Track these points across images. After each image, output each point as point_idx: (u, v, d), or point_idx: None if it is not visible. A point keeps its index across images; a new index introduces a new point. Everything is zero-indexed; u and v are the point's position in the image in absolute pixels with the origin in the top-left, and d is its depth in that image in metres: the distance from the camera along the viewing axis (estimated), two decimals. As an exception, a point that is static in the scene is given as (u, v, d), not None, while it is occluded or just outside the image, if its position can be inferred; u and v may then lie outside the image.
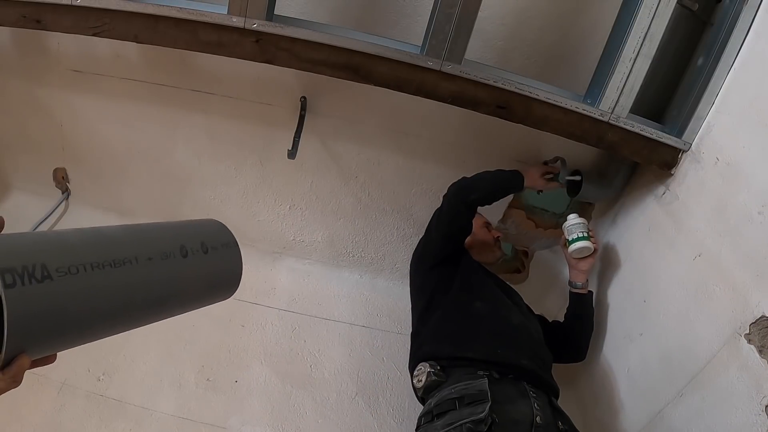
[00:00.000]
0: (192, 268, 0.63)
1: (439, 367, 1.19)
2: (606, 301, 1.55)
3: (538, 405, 1.08)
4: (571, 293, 1.50)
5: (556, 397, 1.22)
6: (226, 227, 0.74)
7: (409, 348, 1.38)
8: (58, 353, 0.53)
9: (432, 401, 1.12)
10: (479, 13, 1.20)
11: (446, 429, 1.01)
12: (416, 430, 1.12)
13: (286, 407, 1.46)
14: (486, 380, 1.09)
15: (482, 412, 1.00)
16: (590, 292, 1.50)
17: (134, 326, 0.59)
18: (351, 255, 1.93)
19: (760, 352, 1.00)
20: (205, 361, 1.53)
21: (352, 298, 1.86)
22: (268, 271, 1.89)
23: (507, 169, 1.48)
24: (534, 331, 1.35)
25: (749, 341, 1.03)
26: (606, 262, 1.63)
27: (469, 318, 1.30)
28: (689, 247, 1.28)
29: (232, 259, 0.71)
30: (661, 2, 1.20)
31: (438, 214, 1.51)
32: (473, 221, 1.47)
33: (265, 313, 1.72)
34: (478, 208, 1.46)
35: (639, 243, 1.50)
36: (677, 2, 1.23)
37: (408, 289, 1.58)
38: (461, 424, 0.99)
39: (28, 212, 1.84)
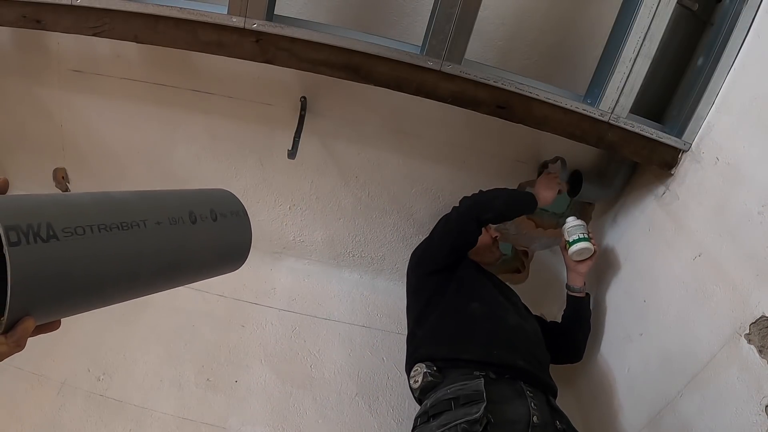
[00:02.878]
0: (201, 234, 0.61)
1: (435, 368, 1.19)
2: (606, 301, 1.55)
3: (534, 404, 1.07)
4: (568, 296, 1.50)
5: (554, 397, 1.21)
6: (236, 196, 0.72)
7: (406, 349, 1.38)
8: (60, 326, 0.52)
9: (428, 402, 1.12)
10: (479, 13, 1.20)
11: (441, 429, 1.00)
12: (412, 430, 1.11)
13: (286, 407, 1.46)
14: (482, 380, 1.09)
15: (477, 412, 0.99)
16: (587, 295, 1.50)
17: (141, 293, 0.58)
18: (351, 255, 1.93)
19: (760, 352, 1.00)
20: (205, 361, 1.53)
21: (352, 298, 1.86)
22: (268, 271, 1.89)
23: (517, 185, 1.51)
24: (531, 332, 1.34)
25: (749, 341, 1.03)
26: (606, 262, 1.63)
27: (465, 319, 1.30)
28: (689, 247, 1.28)
29: (241, 228, 0.70)
30: (661, 2, 1.20)
31: (445, 223, 1.49)
32: None
33: (265, 313, 1.72)
34: None
35: (639, 243, 1.50)
36: (677, 2, 1.23)
37: (406, 288, 1.58)
38: (456, 425, 0.99)
39: (28, 212, 1.84)
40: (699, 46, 1.41)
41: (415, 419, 1.13)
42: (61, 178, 1.89)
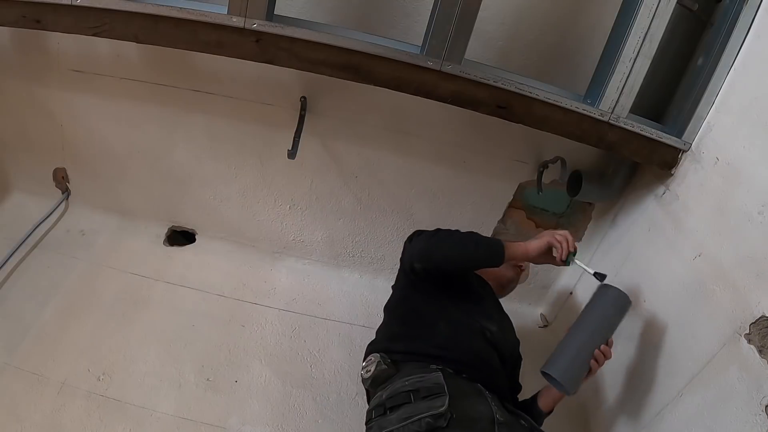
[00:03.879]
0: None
1: (390, 360, 1.12)
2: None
3: (495, 404, 1.03)
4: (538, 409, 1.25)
5: (510, 401, 1.16)
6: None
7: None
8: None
9: (383, 393, 1.06)
10: (479, 13, 1.20)
11: (403, 423, 0.95)
12: (366, 423, 1.06)
13: (286, 407, 1.46)
14: (440, 374, 1.03)
15: (442, 406, 0.95)
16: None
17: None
18: (351, 255, 1.93)
19: (760, 352, 1.00)
20: (205, 361, 1.53)
21: (352, 298, 1.86)
22: (268, 271, 1.89)
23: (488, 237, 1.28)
24: (497, 364, 1.19)
25: (749, 341, 1.03)
26: (606, 262, 1.63)
27: (432, 326, 1.20)
28: (689, 247, 1.28)
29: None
30: (661, 2, 1.20)
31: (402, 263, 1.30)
32: None
33: (265, 313, 1.72)
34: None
35: (639, 243, 1.50)
36: (677, 2, 1.23)
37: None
38: (420, 419, 0.94)
39: (28, 212, 1.84)
40: (699, 46, 1.41)
41: (369, 412, 1.07)
42: (61, 178, 1.89)
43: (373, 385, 1.12)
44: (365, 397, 1.52)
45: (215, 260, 1.86)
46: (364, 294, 1.89)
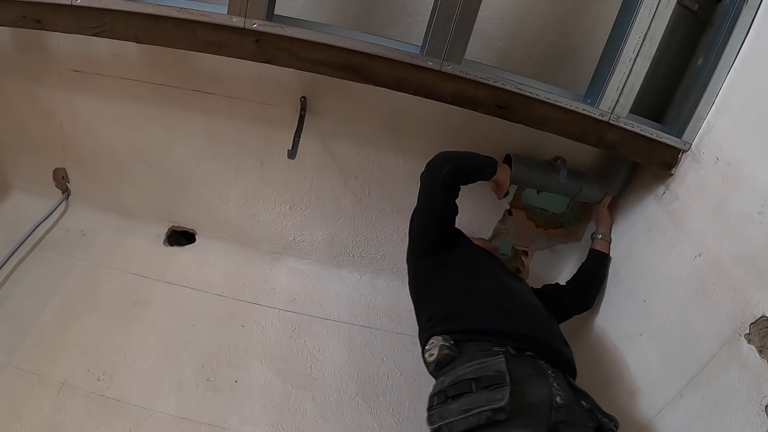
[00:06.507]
0: None
1: (452, 342, 1.12)
2: (606, 301, 1.55)
3: (557, 384, 1.02)
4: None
5: (573, 378, 1.16)
6: None
7: (418, 332, 1.31)
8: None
9: (446, 380, 1.05)
10: (479, 12, 1.20)
11: (463, 416, 0.95)
12: (429, 410, 1.05)
13: (286, 407, 1.46)
14: (503, 358, 1.02)
15: (502, 399, 0.94)
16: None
17: None
18: (351, 255, 1.93)
19: (760, 352, 1.00)
20: (205, 361, 1.53)
21: (352, 298, 1.86)
22: (268, 271, 1.89)
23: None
24: (544, 310, 1.29)
25: (749, 341, 1.03)
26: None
27: (477, 295, 1.25)
28: (689, 247, 1.27)
29: None
30: (661, 2, 1.20)
31: (417, 201, 1.42)
32: None
33: (265, 313, 1.72)
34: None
35: (639, 243, 1.50)
36: (677, 2, 1.23)
37: (407, 289, 1.56)
38: (480, 412, 0.94)
39: (28, 212, 1.84)
40: (699, 46, 1.41)
41: (431, 397, 1.06)
42: (61, 178, 1.89)
43: (436, 368, 1.12)
44: (365, 397, 1.53)
45: (215, 260, 1.86)
46: (364, 294, 1.89)
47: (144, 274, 1.74)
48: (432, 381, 1.13)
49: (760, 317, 1.02)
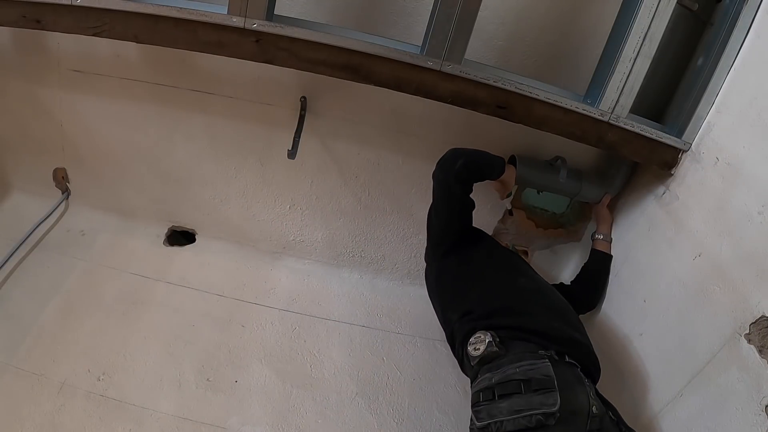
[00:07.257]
0: None
1: (498, 339, 1.11)
2: (606, 302, 1.55)
3: (593, 393, 1.04)
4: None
5: (595, 383, 1.18)
6: None
7: (447, 329, 1.31)
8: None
9: (493, 377, 1.05)
10: (479, 12, 1.21)
11: (514, 416, 0.97)
12: (474, 406, 1.06)
13: (286, 407, 1.46)
14: (548, 363, 1.04)
15: (554, 404, 0.96)
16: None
17: None
18: (351, 255, 1.93)
19: (760, 352, 1.00)
20: (205, 361, 1.53)
21: (352, 298, 1.86)
22: (268, 271, 1.89)
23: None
24: (571, 309, 1.31)
25: (749, 341, 1.03)
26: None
27: (519, 292, 1.26)
28: (689, 247, 1.28)
29: None
30: (661, 2, 1.20)
31: (432, 200, 1.43)
32: None
33: (265, 313, 1.72)
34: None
35: (639, 243, 1.50)
36: (677, 2, 1.23)
37: (410, 291, 1.54)
38: (531, 415, 0.96)
39: (28, 212, 1.84)
40: (699, 46, 1.41)
41: (477, 393, 1.07)
42: (61, 178, 1.89)
43: (479, 364, 1.12)
44: (365, 396, 1.53)
45: (215, 260, 1.86)
46: (364, 294, 1.88)
47: (144, 274, 1.74)
48: (433, 381, 1.13)
49: (760, 317, 1.02)
